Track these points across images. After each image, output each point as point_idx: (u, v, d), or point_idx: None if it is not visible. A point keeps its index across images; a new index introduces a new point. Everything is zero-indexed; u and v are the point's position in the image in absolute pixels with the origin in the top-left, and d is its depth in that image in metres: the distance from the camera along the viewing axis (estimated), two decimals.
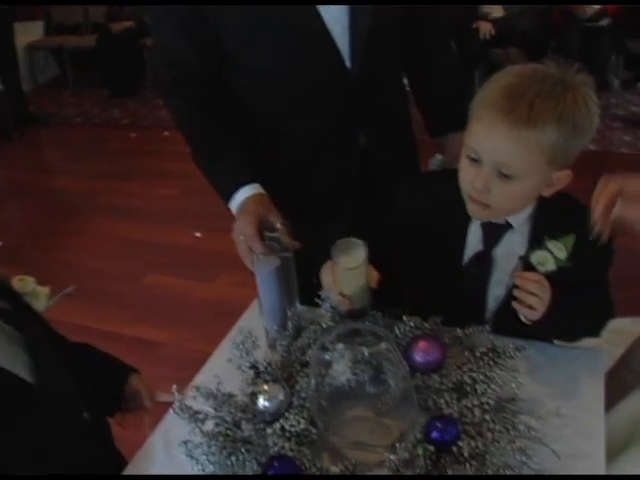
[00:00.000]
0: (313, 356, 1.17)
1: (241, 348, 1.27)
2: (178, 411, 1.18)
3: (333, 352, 1.12)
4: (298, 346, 1.30)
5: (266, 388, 1.17)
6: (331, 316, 1.31)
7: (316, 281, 1.30)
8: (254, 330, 1.31)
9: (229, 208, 1.46)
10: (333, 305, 1.30)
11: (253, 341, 1.28)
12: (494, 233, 1.32)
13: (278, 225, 1.36)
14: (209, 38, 1.44)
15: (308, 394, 1.15)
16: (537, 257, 1.22)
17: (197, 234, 3.85)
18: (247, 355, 1.26)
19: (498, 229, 1.31)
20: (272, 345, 1.35)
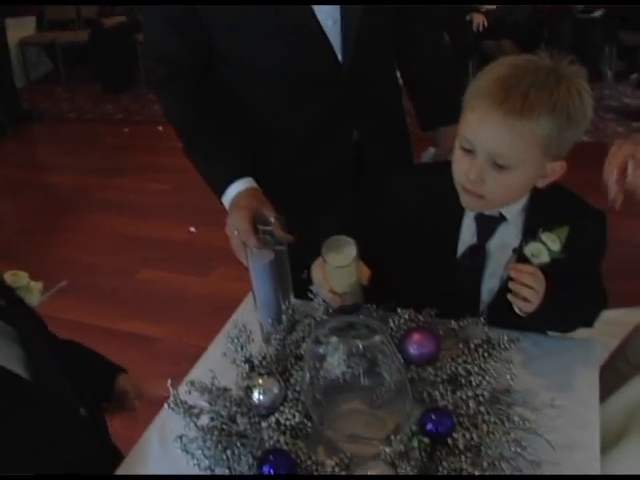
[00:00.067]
0: (307, 349, 1.17)
1: (236, 342, 1.27)
2: (173, 406, 1.18)
3: (327, 345, 1.12)
4: (292, 339, 1.30)
5: (261, 382, 1.17)
6: (325, 309, 1.31)
7: (307, 277, 1.29)
8: (249, 324, 1.31)
9: (222, 202, 1.46)
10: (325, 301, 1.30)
11: (248, 335, 1.28)
12: (488, 226, 1.32)
13: (272, 219, 1.36)
14: (200, 35, 1.44)
15: (303, 387, 1.15)
16: (531, 249, 1.22)
17: (191, 229, 3.84)
18: (242, 349, 1.26)
19: (492, 222, 1.31)
20: (267, 339, 1.35)
